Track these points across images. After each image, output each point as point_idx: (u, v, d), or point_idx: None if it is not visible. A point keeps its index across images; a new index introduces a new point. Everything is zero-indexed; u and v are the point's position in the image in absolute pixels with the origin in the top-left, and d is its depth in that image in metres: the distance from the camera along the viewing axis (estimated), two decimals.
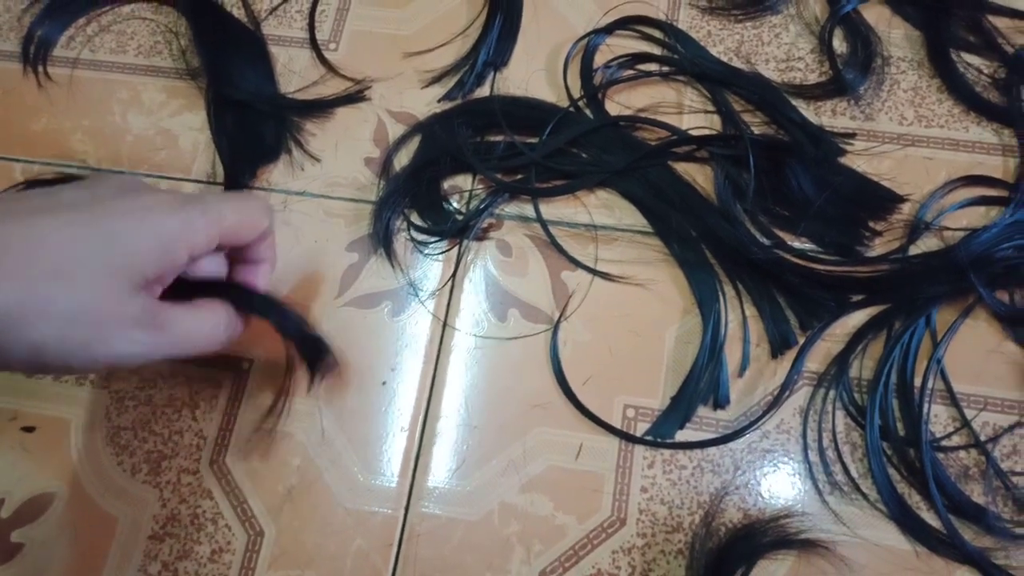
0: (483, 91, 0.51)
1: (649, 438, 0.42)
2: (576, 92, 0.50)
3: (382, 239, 0.47)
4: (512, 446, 0.42)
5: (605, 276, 0.46)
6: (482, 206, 0.47)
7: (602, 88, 0.50)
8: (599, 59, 0.51)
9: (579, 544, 0.40)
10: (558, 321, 0.45)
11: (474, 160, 0.48)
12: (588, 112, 0.50)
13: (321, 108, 0.51)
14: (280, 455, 0.43)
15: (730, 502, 0.41)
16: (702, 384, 0.43)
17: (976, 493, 0.40)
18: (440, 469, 0.42)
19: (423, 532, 0.41)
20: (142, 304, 0.32)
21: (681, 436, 0.42)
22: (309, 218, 0.49)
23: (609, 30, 0.52)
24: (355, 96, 0.51)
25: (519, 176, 0.48)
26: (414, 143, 0.50)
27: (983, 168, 0.47)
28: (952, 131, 0.48)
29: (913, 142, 0.48)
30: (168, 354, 0.34)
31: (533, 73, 0.51)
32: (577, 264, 0.46)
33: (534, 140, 0.49)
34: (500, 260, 0.47)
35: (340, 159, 0.50)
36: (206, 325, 0.35)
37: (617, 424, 0.43)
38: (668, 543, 0.40)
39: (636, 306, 0.45)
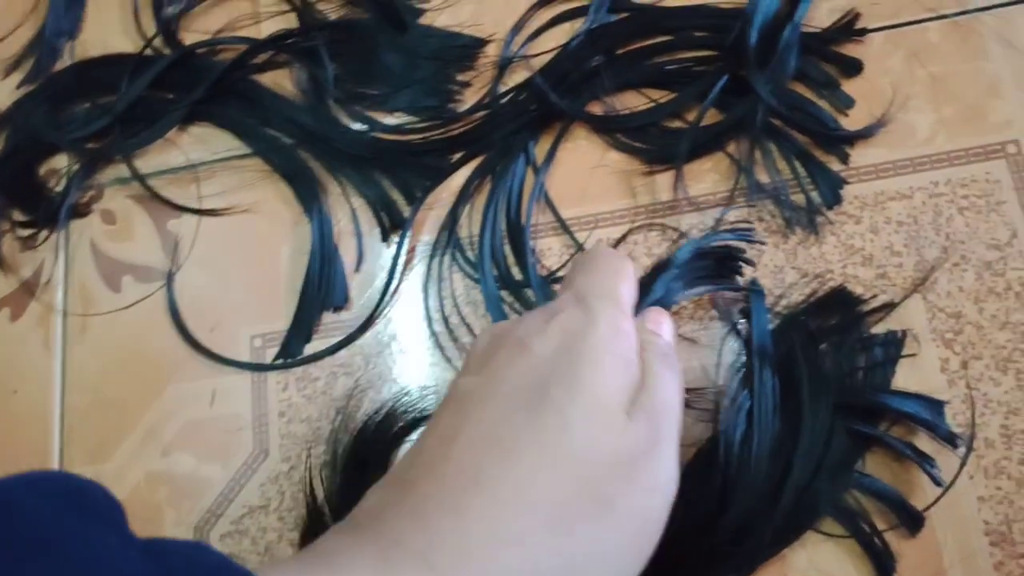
0: (64, 64, 0.48)
1: (278, 362, 0.40)
2: (150, 33, 0.47)
3: None
4: (148, 413, 0.41)
5: (210, 213, 0.43)
6: (72, 181, 0.44)
7: (172, 20, 0.47)
8: None
9: (227, 489, 0.39)
10: (170, 273, 0.43)
11: (53, 135, 0.45)
12: (167, 51, 0.47)
13: None
14: None
15: (365, 398, 0.39)
16: (320, 290, 0.41)
17: None
18: (83, 458, 0.41)
19: None
20: None
21: (310, 348, 0.41)
22: None
23: None
24: None
25: (110, 139, 0.46)
26: (3, 138, 0.47)
27: None
28: None
29: None
30: None
31: (108, 29, 0.48)
32: (180, 208, 0.44)
33: None
34: (106, 230, 0.44)
35: None
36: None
37: (247, 358, 0.41)
38: (313, 459, 0.39)
39: (247, 233, 0.43)
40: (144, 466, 0.40)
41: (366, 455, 0.38)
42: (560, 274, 0.40)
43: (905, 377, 0.36)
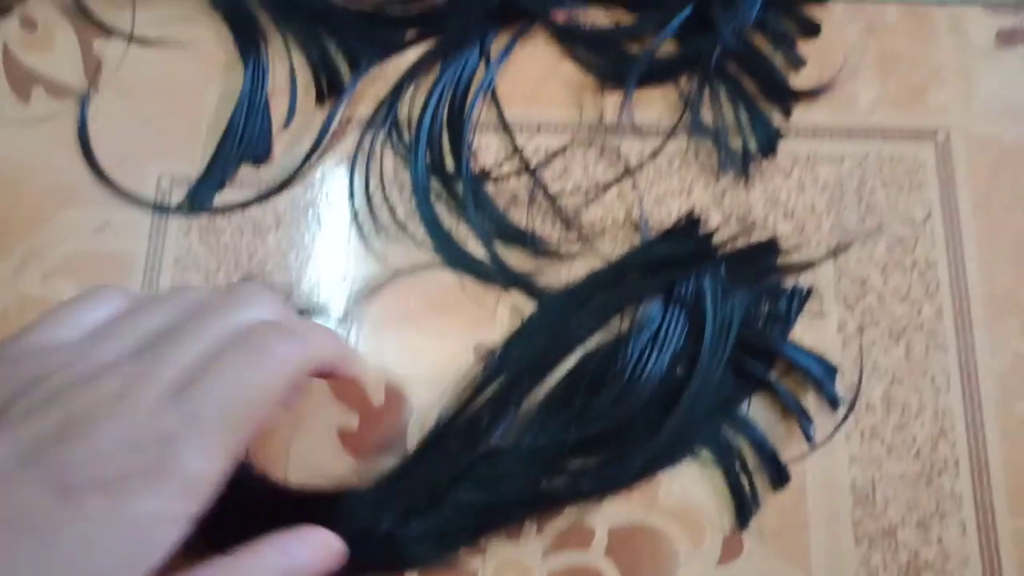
0: None
1: (184, 206, 0.39)
2: None
3: None
4: (34, 234, 0.38)
5: (141, 41, 0.41)
6: None
7: None
8: None
9: None
10: (87, 93, 0.40)
11: None
12: None
13: None
14: None
15: (271, 262, 0.38)
16: (242, 139, 0.39)
17: (525, 219, 0.39)
18: None
19: None
20: None
21: (222, 200, 0.39)
22: None
23: None
24: None
25: None
26: None
27: None
28: None
29: None
30: None
31: None
32: (110, 30, 0.41)
33: None
34: (24, 36, 0.41)
35: None
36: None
37: (152, 197, 0.39)
38: None
39: (176, 68, 0.41)
40: (20, 289, 0.37)
41: None
42: (493, 175, 0.39)
43: (803, 330, 0.37)
